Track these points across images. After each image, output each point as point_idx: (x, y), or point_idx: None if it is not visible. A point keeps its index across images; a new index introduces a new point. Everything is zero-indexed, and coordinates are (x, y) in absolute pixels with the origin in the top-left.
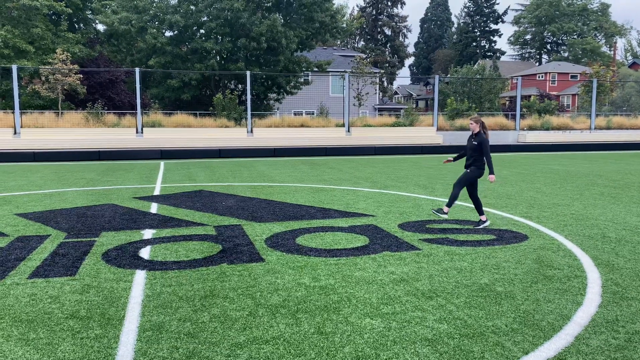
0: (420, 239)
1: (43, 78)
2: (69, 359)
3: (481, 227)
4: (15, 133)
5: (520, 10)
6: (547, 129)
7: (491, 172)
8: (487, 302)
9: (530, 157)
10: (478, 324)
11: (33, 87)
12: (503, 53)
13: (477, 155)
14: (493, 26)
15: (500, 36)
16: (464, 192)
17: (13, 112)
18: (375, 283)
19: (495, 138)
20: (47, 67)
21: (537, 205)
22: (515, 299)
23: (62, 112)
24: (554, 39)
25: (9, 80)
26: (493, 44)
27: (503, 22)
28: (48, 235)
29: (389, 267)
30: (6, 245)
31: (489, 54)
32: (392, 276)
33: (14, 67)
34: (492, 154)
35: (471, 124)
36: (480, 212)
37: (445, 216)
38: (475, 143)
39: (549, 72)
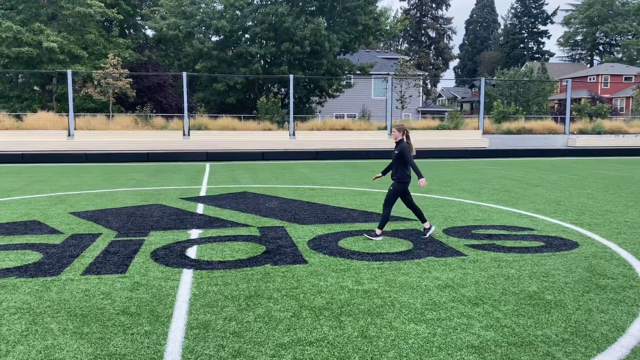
0: (465, 245)
1: (95, 82)
2: (121, 354)
3: (427, 235)
4: (69, 135)
5: (571, 10)
6: (599, 133)
7: (420, 177)
8: (536, 311)
9: (580, 162)
10: (527, 332)
11: (86, 91)
12: (552, 55)
13: (399, 164)
14: (541, 27)
15: (549, 37)
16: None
17: (68, 115)
18: (420, 288)
19: (543, 142)
20: (99, 71)
21: (588, 212)
22: (566, 308)
23: (112, 115)
24: (607, 39)
25: (64, 84)
26: (541, 46)
27: (552, 22)
28: (100, 233)
29: (433, 272)
30: (61, 243)
31: (537, 55)
32: (437, 282)
33: (69, 72)
34: (540, 159)
35: (393, 131)
36: (423, 220)
37: (378, 238)
38: (397, 152)
39: (601, 74)
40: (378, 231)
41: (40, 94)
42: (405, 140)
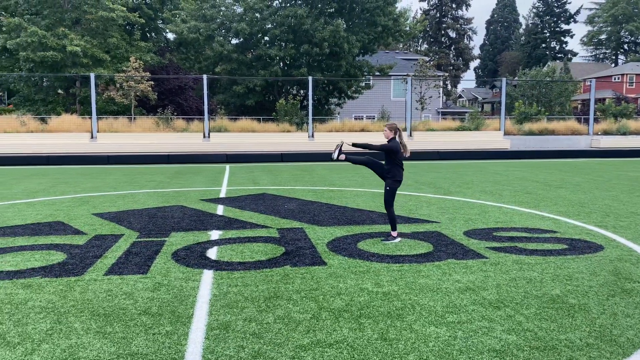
0: (487, 247)
1: (117, 85)
2: (142, 353)
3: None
4: (92, 137)
5: (595, 9)
6: (624, 134)
7: (351, 141)
8: (560, 315)
9: (604, 163)
10: (550, 336)
11: (109, 93)
12: (575, 54)
13: (391, 163)
14: (564, 26)
15: (572, 37)
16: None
17: (90, 118)
18: (440, 291)
19: (566, 143)
20: (121, 74)
21: (613, 214)
22: (590, 312)
23: (134, 118)
24: (632, 38)
25: (87, 87)
26: (564, 45)
27: (575, 22)
28: (122, 234)
29: (454, 275)
30: (84, 243)
31: (560, 55)
32: (457, 284)
33: (92, 76)
34: (563, 160)
35: (385, 130)
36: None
37: (396, 240)
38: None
39: (626, 74)
40: (394, 233)
41: (64, 97)
42: (397, 139)
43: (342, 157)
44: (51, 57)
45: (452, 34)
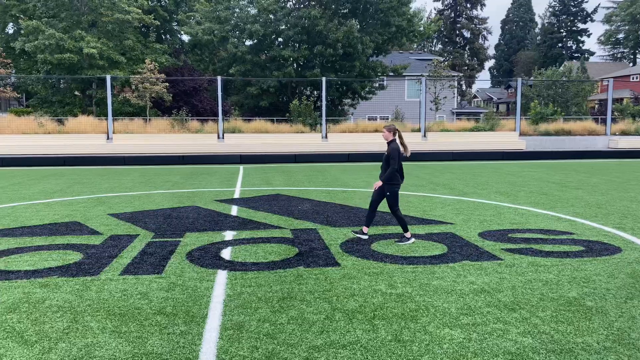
0: (502, 249)
1: (133, 87)
2: (157, 353)
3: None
4: (108, 138)
5: (612, 7)
6: None
7: (380, 179)
8: (576, 317)
9: (622, 164)
10: (566, 339)
11: (124, 95)
12: (592, 54)
13: (388, 166)
14: (581, 25)
15: (588, 36)
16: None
17: (107, 119)
18: (455, 293)
19: (583, 144)
20: (137, 76)
21: (631, 216)
22: (608, 315)
23: (149, 119)
24: None
25: (103, 89)
26: (581, 45)
27: (592, 21)
28: (137, 234)
29: (468, 276)
30: (100, 243)
31: (576, 55)
32: (472, 286)
33: (108, 77)
34: (580, 161)
35: (383, 132)
36: (367, 225)
37: (410, 241)
38: (386, 154)
39: None
40: (408, 234)
41: (80, 99)
42: (397, 140)
43: (366, 229)
44: (68, 59)
45: (467, 34)
